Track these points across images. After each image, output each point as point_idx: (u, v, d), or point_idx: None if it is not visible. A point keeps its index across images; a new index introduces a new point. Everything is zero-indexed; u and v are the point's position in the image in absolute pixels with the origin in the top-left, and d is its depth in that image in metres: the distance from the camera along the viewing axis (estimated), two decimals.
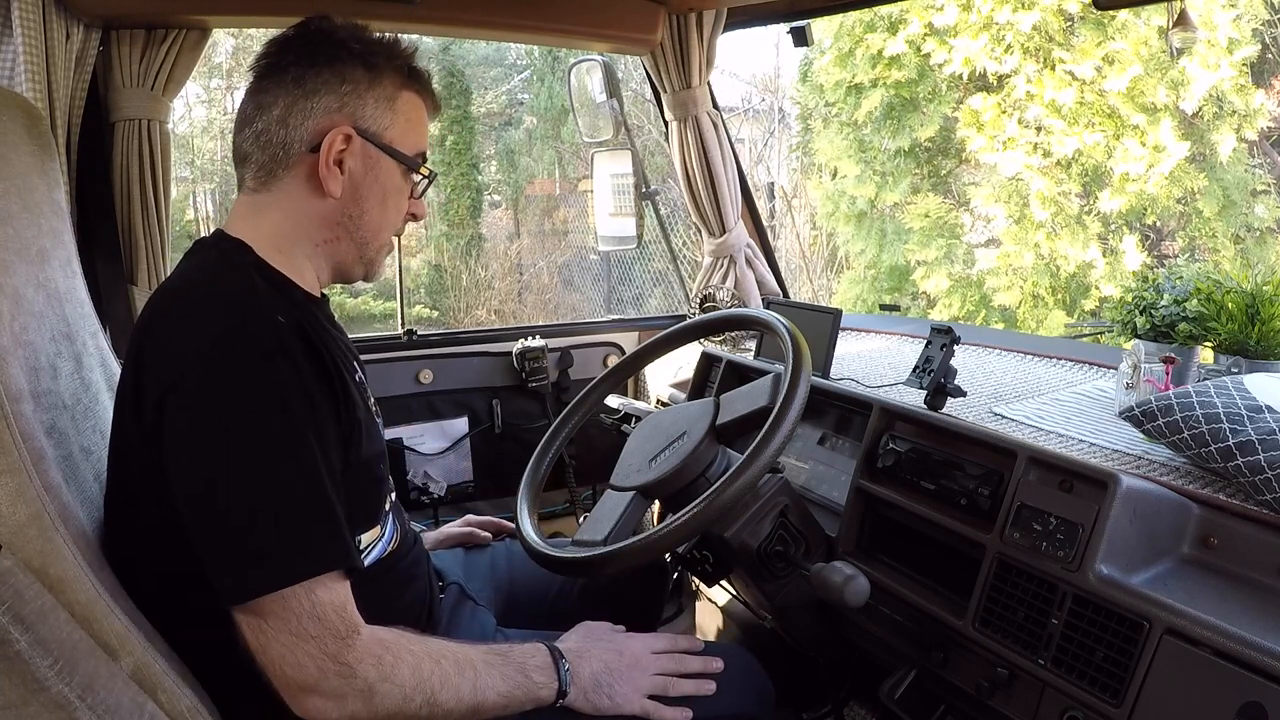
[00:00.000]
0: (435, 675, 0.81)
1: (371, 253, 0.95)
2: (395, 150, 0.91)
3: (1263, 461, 0.89)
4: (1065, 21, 5.57)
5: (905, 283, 6.65)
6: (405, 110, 0.92)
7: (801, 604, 1.15)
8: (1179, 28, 1.55)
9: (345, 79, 0.87)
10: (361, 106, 0.88)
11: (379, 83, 0.89)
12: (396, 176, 0.92)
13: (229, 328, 0.77)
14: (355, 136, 0.88)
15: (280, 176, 0.88)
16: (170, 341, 0.78)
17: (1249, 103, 5.34)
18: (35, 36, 1.31)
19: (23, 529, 0.68)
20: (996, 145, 5.74)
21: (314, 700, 0.75)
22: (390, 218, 0.94)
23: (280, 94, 0.87)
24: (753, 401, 1.10)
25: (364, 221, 0.92)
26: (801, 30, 1.99)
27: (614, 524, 1.05)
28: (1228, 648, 0.76)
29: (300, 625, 0.74)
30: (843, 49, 6.25)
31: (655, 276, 7.20)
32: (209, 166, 8.49)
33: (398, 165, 0.92)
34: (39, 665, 0.65)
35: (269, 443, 0.75)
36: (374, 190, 0.91)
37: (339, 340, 0.95)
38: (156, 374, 0.76)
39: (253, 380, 0.75)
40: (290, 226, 0.89)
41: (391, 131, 0.91)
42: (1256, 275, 1.23)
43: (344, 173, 0.88)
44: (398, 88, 0.91)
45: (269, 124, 0.87)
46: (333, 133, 0.86)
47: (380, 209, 0.92)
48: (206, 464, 0.74)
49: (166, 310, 0.82)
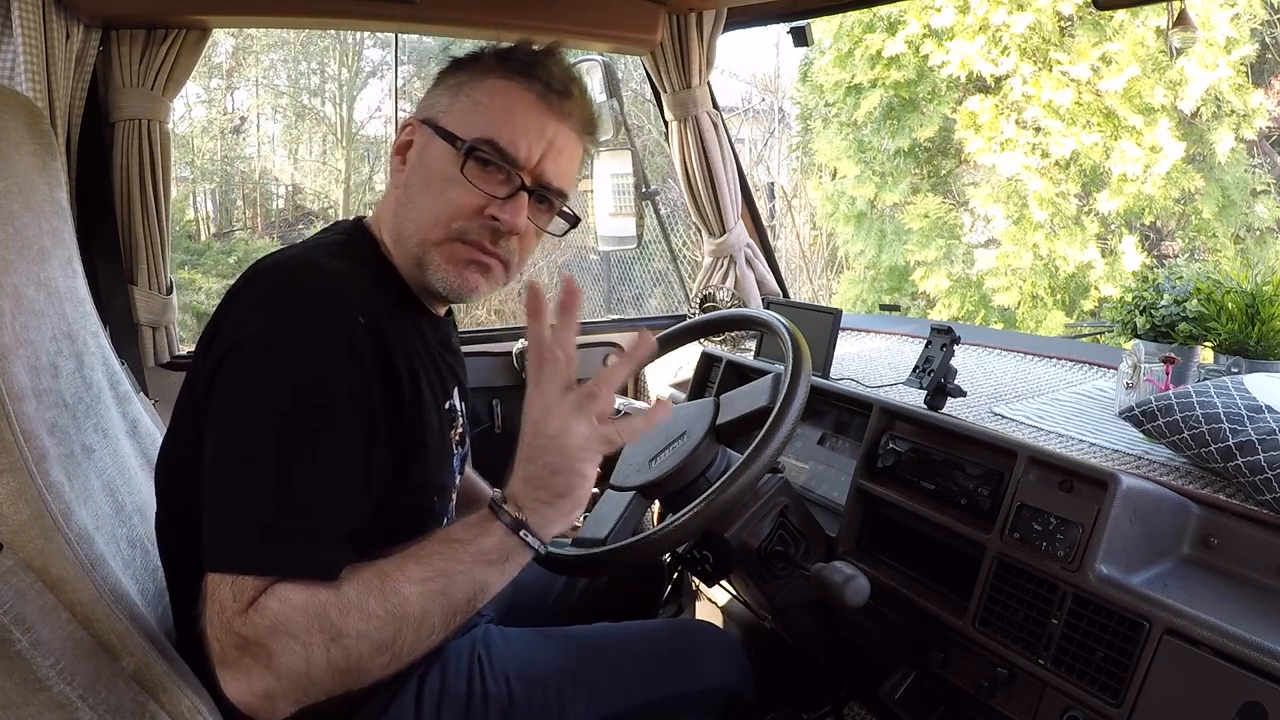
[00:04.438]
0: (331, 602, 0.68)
1: (423, 251, 0.85)
2: (443, 129, 0.84)
3: (1263, 461, 0.89)
4: (1062, 22, 5.58)
5: (905, 283, 6.66)
6: (471, 94, 0.85)
7: (801, 604, 1.15)
8: (1178, 28, 1.55)
9: (444, 82, 0.88)
10: (435, 101, 0.87)
11: (456, 75, 0.88)
12: (443, 159, 0.84)
13: (308, 311, 0.74)
14: (417, 124, 0.86)
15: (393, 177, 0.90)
16: (252, 308, 0.76)
17: (1247, 103, 5.35)
18: (35, 36, 1.31)
19: (24, 528, 0.68)
20: (994, 146, 5.75)
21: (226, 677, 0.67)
22: (436, 205, 0.84)
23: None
24: (753, 401, 1.10)
25: (410, 209, 0.86)
26: (801, 30, 1.99)
27: (614, 524, 1.05)
28: (1228, 648, 0.76)
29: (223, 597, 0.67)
30: (842, 49, 6.26)
31: (655, 276, 7.20)
32: (209, 166, 8.49)
33: (445, 147, 0.84)
34: (40, 665, 0.65)
35: (300, 429, 0.71)
36: (418, 173, 0.86)
37: (441, 361, 0.92)
38: (226, 333, 0.75)
39: (311, 365, 0.72)
40: (390, 214, 0.89)
41: (449, 114, 0.85)
42: (1256, 275, 1.23)
43: (406, 163, 0.88)
44: (473, 75, 0.86)
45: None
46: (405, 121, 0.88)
47: (424, 193, 0.85)
48: (237, 423, 0.72)
49: (259, 277, 0.79)
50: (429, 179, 0.85)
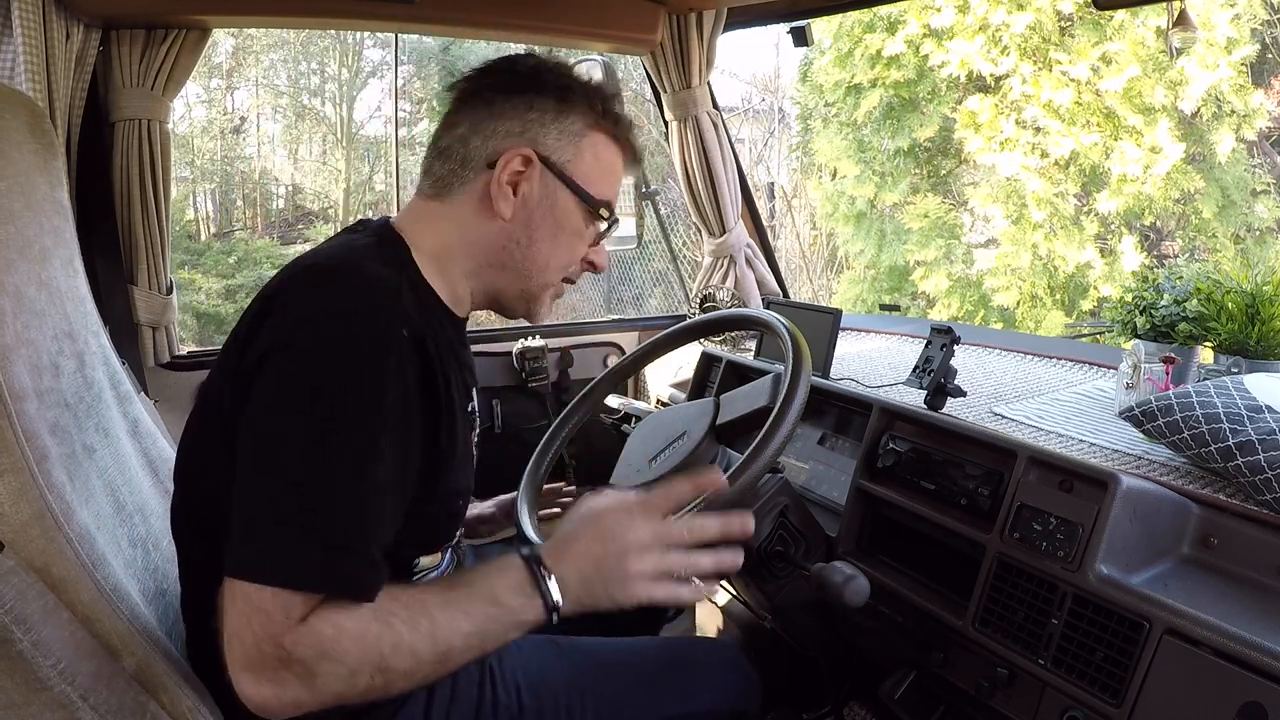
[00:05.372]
0: (385, 638, 0.70)
1: (535, 289, 0.91)
2: (577, 185, 0.88)
3: (1263, 461, 0.89)
4: (1062, 22, 5.58)
5: (905, 283, 6.66)
6: (593, 149, 0.89)
7: (801, 604, 1.15)
8: (1178, 28, 1.55)
9: (533, 106, 0.86)
10: (544, 134, 0.86)
11: (567, 115, 0.87)
12: (575, 215, 0.89)
13: (356, 308, 0.74)
14: (535, 161, 0.86)
15: (455, 190, 0.87)
16: (296, 306, 0.75)
17: (1248, 103, 5.35)
18: (35, 36, 1.31)
19: (25, 528, 0.68)
20: (994, 146, 5.75)
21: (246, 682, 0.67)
22: (561, 255, 0.90)
23: (468, 115, 0.87)
24: (753, 401, 1.10)
25: (531, 251, 0.88)
26: (801, 30, 1.99)
27: None
28: (1228, 648, 0.76)
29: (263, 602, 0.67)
30: (842, 49, 6.26)
31: (655, 276, 7.19)
32: (209, 166, 8.48)
33: (578, 203, 0.88)
34: (41, 665, 0.65)
35: (346, 431, 0.70)
36: (547, 220, 0.88)
37: (464, 364, 0.92)
38: (271, 333, 0.74)
39: (359, 366, 0.72)
40: (456, 240, 0.87)
41: (575, 165, 0.88)
42: (1256, 275, 1.23)
43: (517, 195, 0.86)
44: (588, 125, 0.89)
45: (453, 141, 0.87)
46: (510, 152, 0.85)
47: (551, 243, 0.89)
48: (272, 428, 0.71)
49: (303, 278, 0.79)
50: (559, 229, 0.89)
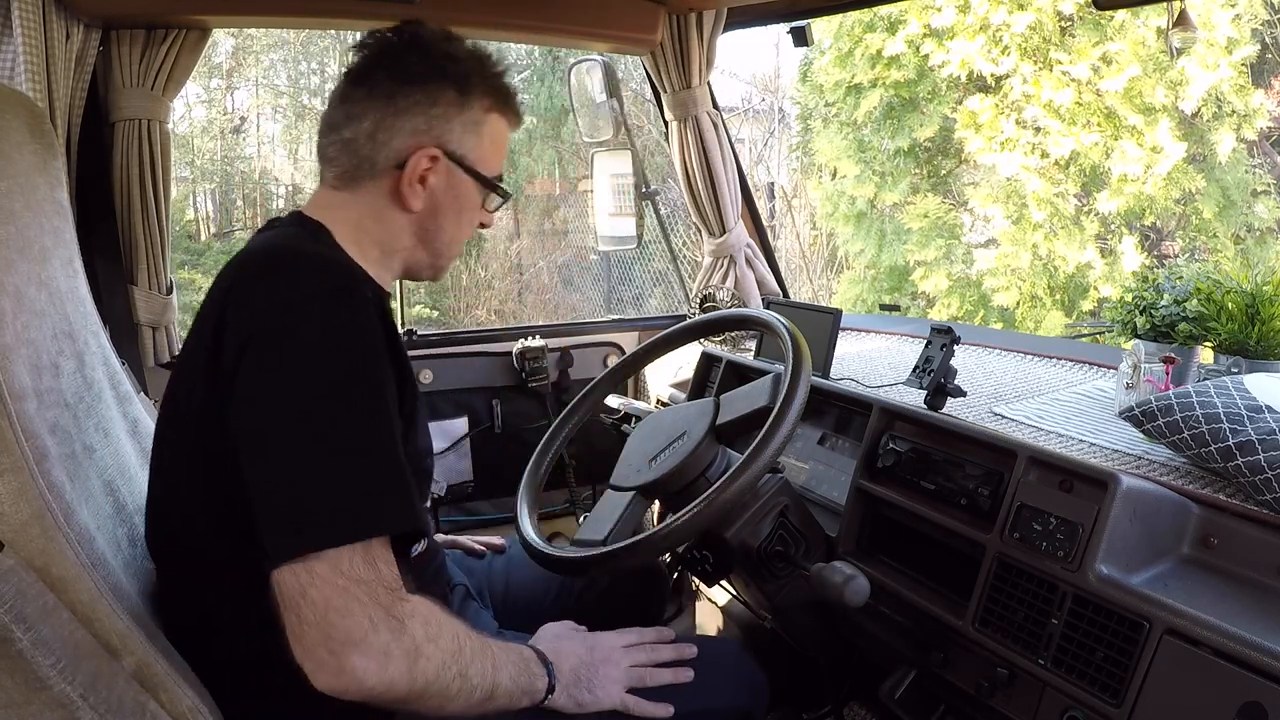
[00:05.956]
0: (467, 648, 0.79)
1: (444, 261, 1.00)
2: (479, 173, 0.95)
3: (1263, 461, 0.89)
4: (1062, 22, 5.58)
5: (905, 283, 6.65)
6: (490, 132, 0.95)
7: (801, 604, 1.15)
8: (1178, 28, 1.55)
9: (437, 101, 0.90)
10: (449, 130, 0.91)
11: (469, 106, 0.92)
12: (475, 195, 0.97)
13: (320, 284, 0.77)
14: (442, 158, 0.91)
15: (363, 183, 0.91)
16: (256, 296, 0.77)
17: (1248, 103, 5.35)
18: (35, 36, 1.31)
19: (25, 528, 0.68)
20: (994, 146, 5.74)
21: (356, 659, 0.69)
22: (464, 232, 0.99)
23: (370, 108, 0.89)
24: (753, 401, 1.10)
25: (440, 235, 0.96)
26: (801, 30, 1.99)
27: (614, 524, 1.05)
28: (1228, 648, 0.76)
29: (356, 572, 0.70)
30: (842, 49, 6.26)
31: (655, 276, 7.20)
32: (209, 166, 8.48)
33: (478, 186, 0.96)
34: (41, 664, 0.65)
35: (351, 391, 0.74)
36: (452, 206, 0.95)
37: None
38: (246, 323, 0.75)
39: (343, 330, 0.75)
40: (369, 227, 0.92)
41: (476, 154, 0.94)
42: (1256, 275, 1.23)
43: (425, 188, 0.91)
44: (486, 110, 0.94)
45: (357, 136, 0.90)
46: (420, 154, 0.89)
47: (456, 224, 0.97)
48: (283, 405, 0.72)
49: (251, 269, 0.81)
50: (462, 210, 0.96)
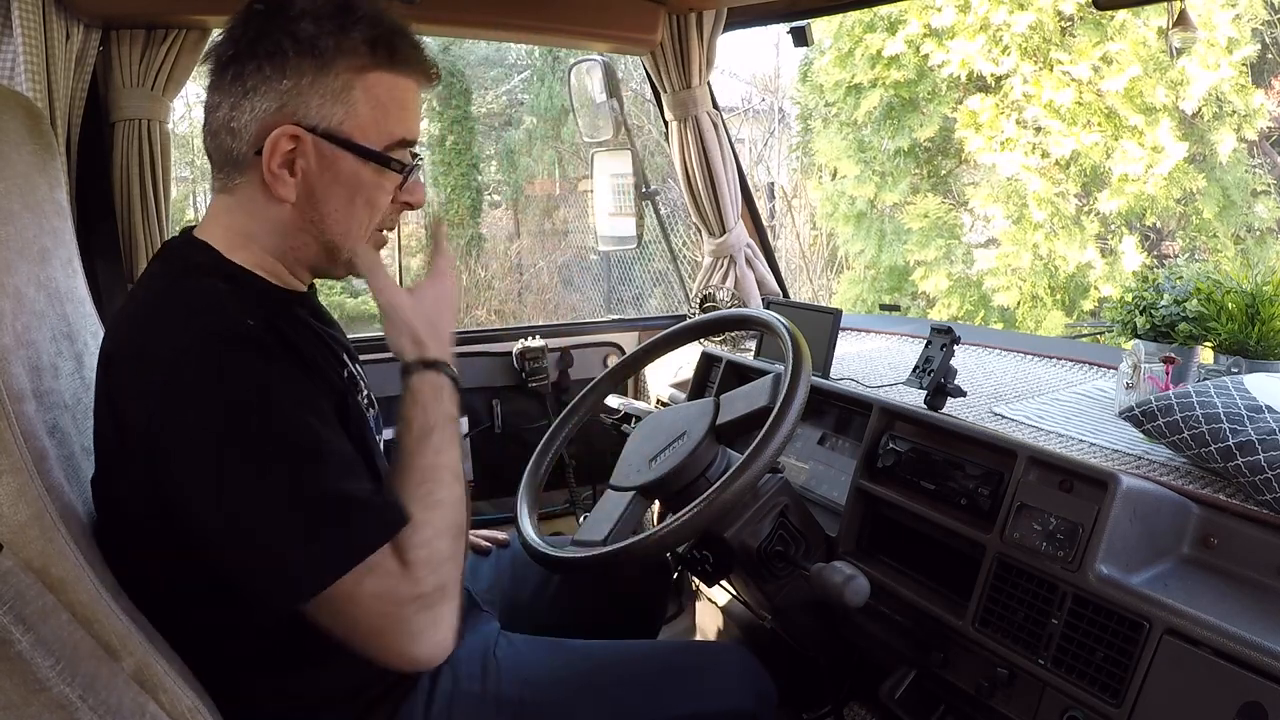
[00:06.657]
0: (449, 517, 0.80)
1: (346, 253, 0.87)
2: (355, 144, 0.81)
3: (1263, 461, 0.89)
4: (1063, 22, 5.57)
5: (905, 283, 6.65)
6: (368, 96, 0.81)
7: (801, 604, 1.15)
8: (1179, 28, 1.55)
9: (285, 74, 0.78)
10: (304, 104, 0.79)
11: (328, 71, 0.79)
12: (364, 172, 0.83)
13: (194, 333, 0.73)
14: (305, 135, 0.79)
15: (237, 180, 0.83)
16: (138, 358, 0.75)
17: (1249, 103, 5.34)
18: (35, 36, 1.31)
19: (24, 529, 0.68)
20: (994, 146, 5.74)
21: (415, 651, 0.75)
22: (361, 218, 0.85)
23: (223, 93, 0.80)
24: (753, 401, 1.10)
25: (328, 224, 0.84)
26: (801, 30, 1.99)
27: (614, 524, 1.05)
28: (1228, 648, 0.76)
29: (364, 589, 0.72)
30: (842, 49, 6.25)
31: (655, 276, 7.20)
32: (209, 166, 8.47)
33: (363, 161, 0.82)
34: (40, 665, 0.65)
35: (268, 438, 0.72)
36: (335, 190, 0.82)
37: (325, 335, 0.92)
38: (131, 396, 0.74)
39: (231, 377, 0.72)
40: (254, 229, 0.84)
41: (350, 123, 0.81)
42: (1256, 275, 1.23)
43: (295, 175, 0.81)
44: (358, 71, 0.80)
45: (217, 126, 0.81)
46: (274, 134, 0.78)
47: (347, 210, 0.84)
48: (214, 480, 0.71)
49: (125, 330, 0.79)
50: (352, 193, 0.83)
